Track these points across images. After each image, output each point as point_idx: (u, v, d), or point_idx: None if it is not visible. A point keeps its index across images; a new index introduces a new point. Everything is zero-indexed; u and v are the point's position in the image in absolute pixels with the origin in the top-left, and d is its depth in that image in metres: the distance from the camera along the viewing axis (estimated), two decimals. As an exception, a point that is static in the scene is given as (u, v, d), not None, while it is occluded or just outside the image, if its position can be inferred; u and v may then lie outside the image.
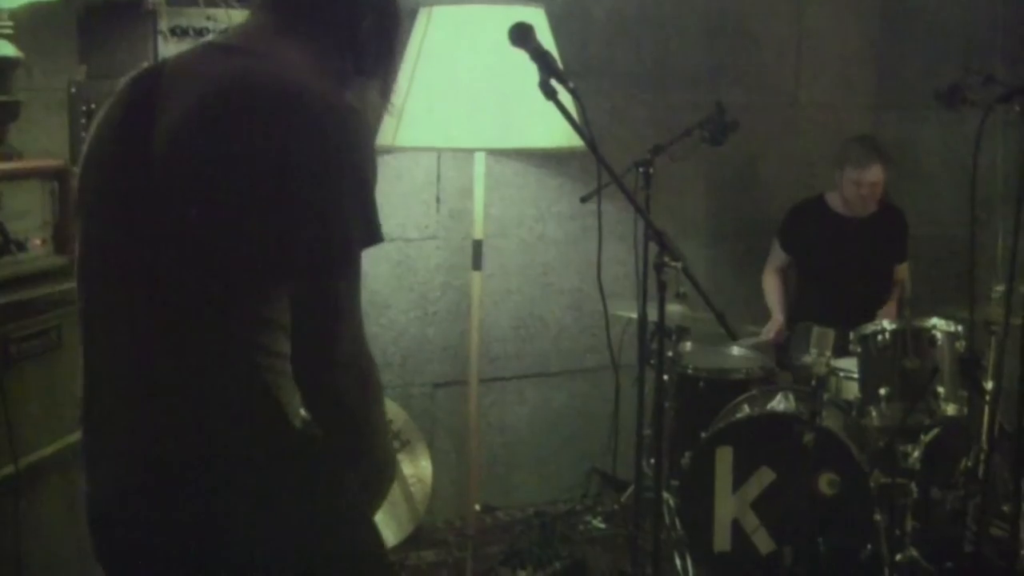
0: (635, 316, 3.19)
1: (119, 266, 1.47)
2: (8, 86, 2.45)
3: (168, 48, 2.53)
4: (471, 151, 3.38)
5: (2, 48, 2.40)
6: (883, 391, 3.19)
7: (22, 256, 2.33)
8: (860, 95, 4.71)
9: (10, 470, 2.22)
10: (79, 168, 1.55)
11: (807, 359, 3.14)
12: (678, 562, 3.39)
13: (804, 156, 4.55)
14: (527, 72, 2.22)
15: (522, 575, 3.43)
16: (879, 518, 3.11)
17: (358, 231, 1.41)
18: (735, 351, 3.82)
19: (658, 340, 2.60)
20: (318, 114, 1.39)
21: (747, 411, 3.39)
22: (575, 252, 4.12)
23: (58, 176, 2.46)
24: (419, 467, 3.77)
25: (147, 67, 1.57)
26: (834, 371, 3.45)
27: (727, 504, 3.27)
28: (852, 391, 3.38)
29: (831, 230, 4.12)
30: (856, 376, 3.34)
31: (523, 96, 2.70)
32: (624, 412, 3.60)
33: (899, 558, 3.15)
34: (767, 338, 4.04)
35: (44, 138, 2.82)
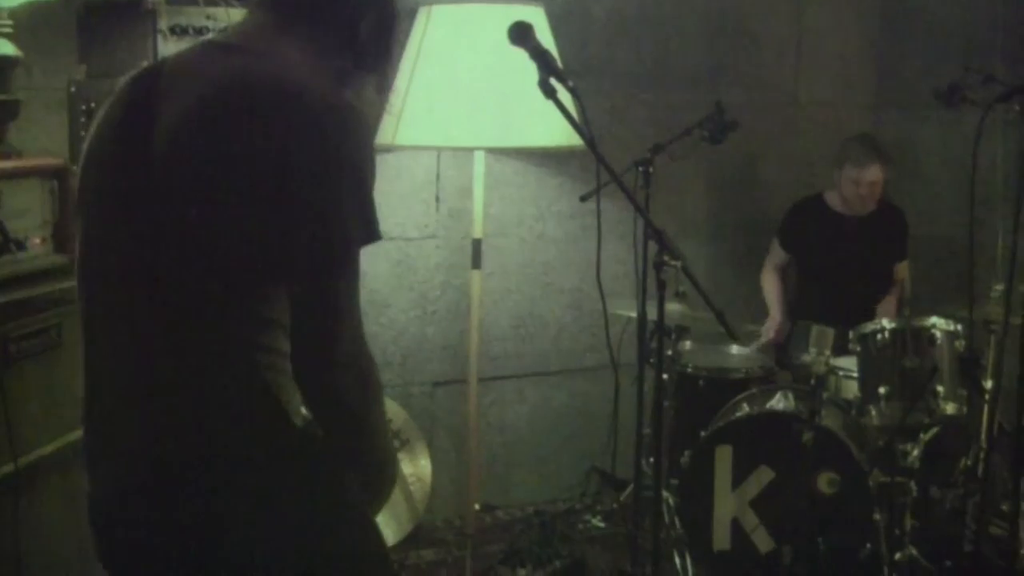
0: (635, 315, 3.19)
1: (119, 266, 1.47)
2: (8, 85, 2.45)
3: (168, 47, 2.52)
4: (471, 150, 3.38)
5: (2, 47, 2.40)
6: (882, 390, 3.18)
7: (22, 255, 2.33)
8: (860, 94, 4.71)
9: (10, 469, 2.22)
10: (79, 168, 1.56)
11: (806, 358, 3.15)
12: (677, 561, 3.39)
13: (804, 155, 4.55)
14: (527, 71, 2.22)
15: (521, 574, 3.43)
16: (878, 517, 3.11)
17: (357, 231, 1.41)
18: (735, 350, 3.82)
19: (658, 339, 2.60)
20: (318, 114, 1.39)
21: (746, 410, 3.39)
22: (575, 251, 4.12)
23: (58, 175, 2.46)
24: (419, 466, 3.78)
25: (147, 66, 1.58)
26: (833, 370, 3.45)
27: (726, 503, 3.28)
28: (851, 390, 3.38)
29: (830, 229, 4.12)
30: (855, 375, 3.33)
31: (523, 95, 2.70)
32: (624, 411, 3.60)
33: (898, 557, 3.15)
34: (767, 338, 4.05)
35: (44, 137, 2.83)
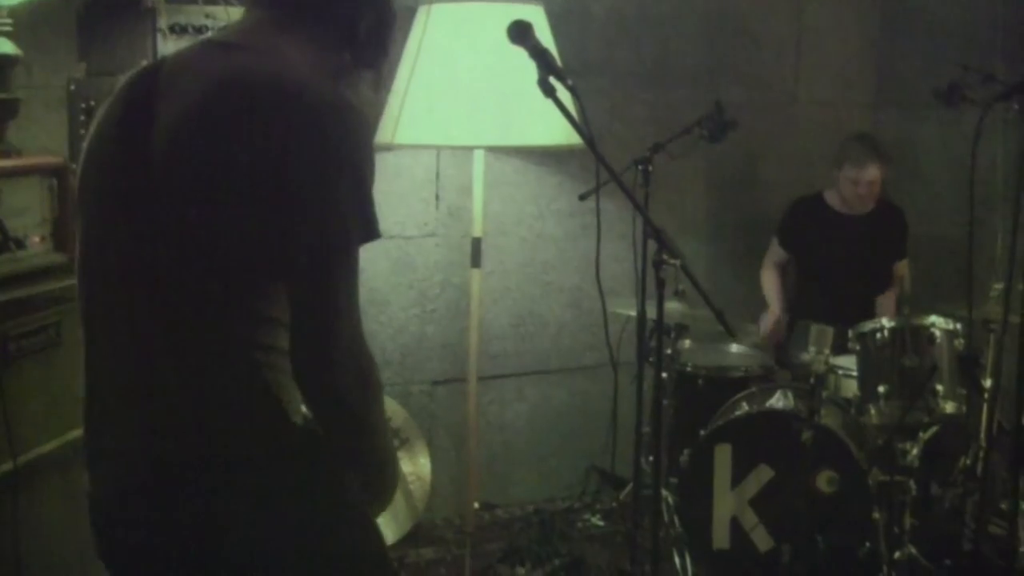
0: (634, 314, 3.19)
1: (119, 264, 1.47)
2: (7, 83, 2.45)
3: (167, 46, 2.52)
4: (470, 149, 3.38)
5: (1, 45, 2.41)
6: (882, 389, 3.18)
7: (21, 253, 2.33)
8: (859, 93, 4.71)
9: (9, 467, 2.23)
10: (79, 166, 1.56)
11: (806, 357, 3.14)
12: (677, 560, 3.39)
13: (803, 154, 4.55)
14: (526, 70, 2.22)
15: (521, 572, 3.43)
16: (878, 516, 3.11)
17: (356, 229, 1.41)
18: (734, 349, 3.82)
19: (657, 338, 2.60)
20: (318, 112, 1.39)
21: (746, 409, 3.38)
22: (574, 250, 4.12)
23: (57, 173, 2.46)
24: (418, 465, 3.78)
25: (146, 65, 1.58)
26: (833, 369, 3.45)
27: (726, 502, 3.28)
28: (851, 389, 3.38)
29: (830, 228, 4.13)
30: (855, 374, 3.33)
31: (522, 94, 2.69)
32: (623, 410, 3.60)
33: (898, 556, 3.15)
34: (766, 331, 4.04)
35: (43, 135, 2.83)
